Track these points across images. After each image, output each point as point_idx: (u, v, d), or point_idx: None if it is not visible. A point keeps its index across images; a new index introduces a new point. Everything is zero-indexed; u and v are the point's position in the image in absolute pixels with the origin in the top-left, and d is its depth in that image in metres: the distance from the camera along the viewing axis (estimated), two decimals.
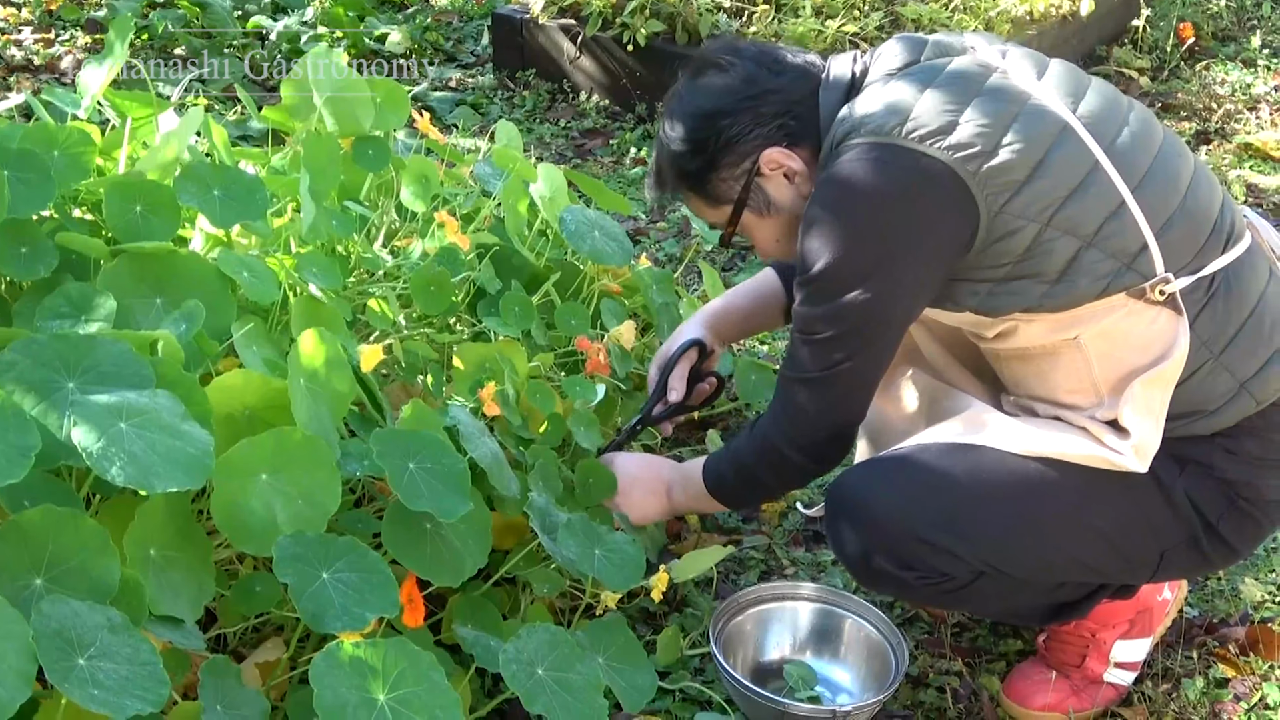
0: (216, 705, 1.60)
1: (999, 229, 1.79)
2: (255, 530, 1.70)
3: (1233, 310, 1.85)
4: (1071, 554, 1.93)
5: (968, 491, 1.89)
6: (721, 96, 1.97)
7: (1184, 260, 1.82)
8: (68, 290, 1.90)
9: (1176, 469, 1.88)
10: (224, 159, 2.41)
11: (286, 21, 4.73)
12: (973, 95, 1.82)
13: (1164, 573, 2.00)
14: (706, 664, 2.18)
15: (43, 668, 1.39)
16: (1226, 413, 1.86)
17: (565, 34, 4.41)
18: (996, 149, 1.77)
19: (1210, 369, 1.84)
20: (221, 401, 1.79)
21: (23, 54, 4.60)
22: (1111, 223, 1.79)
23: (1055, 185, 1.79)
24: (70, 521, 1.55)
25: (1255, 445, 1.89)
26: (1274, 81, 4.62)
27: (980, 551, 1.89)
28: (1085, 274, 1.80)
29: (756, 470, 2.09)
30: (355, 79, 2.53)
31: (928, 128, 1.78)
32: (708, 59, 2.03)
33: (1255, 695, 2.14)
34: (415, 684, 1.60)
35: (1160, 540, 1.92)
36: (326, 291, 2.17)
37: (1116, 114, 1.88)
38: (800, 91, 1.96)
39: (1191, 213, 1.85)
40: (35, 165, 2.00)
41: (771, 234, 2.06)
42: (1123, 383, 1.83)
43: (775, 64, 1.98)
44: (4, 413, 1.50)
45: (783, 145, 1.95)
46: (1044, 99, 1.84)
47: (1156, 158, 1.86)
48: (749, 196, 2.00)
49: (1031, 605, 2.04)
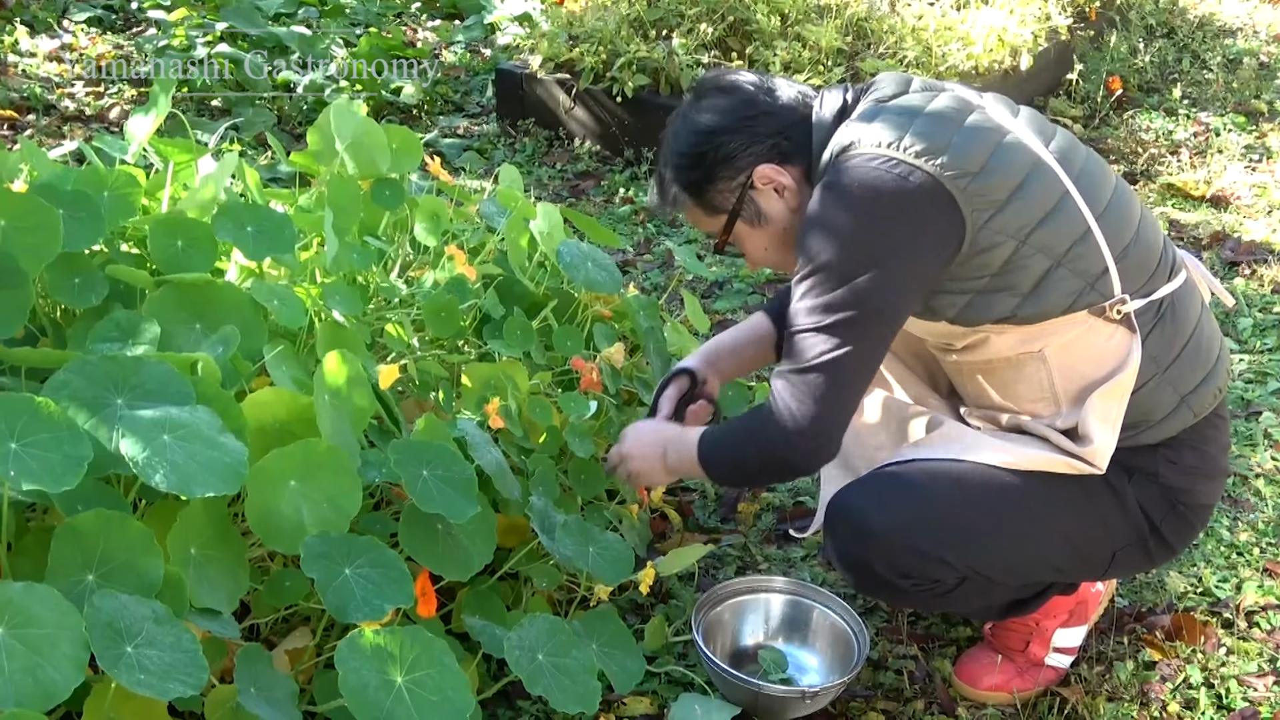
0: (250, 688, 1.60)
1: (981, 242, 1.78)
2: (285, 531, 1.70)
3: (1177, 332, 1.87)
4: (1040, 555, 1.94)
5: (955, 505, 1.89)
6: (722, 115, 1.95)
7: (1138, 284, 1.84)
8: (116, 317, 1.90)
9: (1126, 477, 1.90)
10: (256, 199, 2.41)
11: (312, 76, 4.74)
12: (958, 125, 1.82)
13: (1114, 571, 2.01)
14: (689, 650, 2.18)
15: (94, 655, 1.39)
16: (1169, 424, 1.88)
17: (561, 87, 4.43)
18: (981, 171, 1.77)
19: (1157, 383, 1.86)
20: (254, 416, 1.79)
21: (75, 105, 4.60)
22: (1079, 246, 1.81)
23: (1031, 208, 1.79)
24: (119, 524, 1.55)
25: (1192, 456, 1.91)
26: (1193, 129, 4.64)
27: (967, 558, 1.89)
28: (1054, 290, 1.81)
29: (746, 452, 1.97)
30: (373, 127, 2.53)
31: (920, 146, 1.77)
32: (711, 83, 2.01)
33: (1180, 676, 2.15)
34: (429, 668, 1.60)
35: (1114, 541, 1.93)
36: (348, 317, 2.18)
37: (1078, 154, 1.90)
38: (794, 116, 1.94)
39: (1143, 243, 1.87)
40: (87, 205, 2.00)
41: (761, 243, 2.03)
42: (1081, 394, 1.85)
43: (771, 91, 1.97)
44: (59, 426, 1.50)
45: (775, 162, 1.93)
46: (1020, 134, 1.85)
47: (1113, 194, 1.88)
48: (742, 208, 1.98)
49: (998, 603, 2.04)
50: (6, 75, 4.80)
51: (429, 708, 1.57)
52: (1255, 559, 2.44)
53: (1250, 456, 2.75)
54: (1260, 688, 2.12)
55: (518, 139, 4.52)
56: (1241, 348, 3.20)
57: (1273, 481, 2.67)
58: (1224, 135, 4.56)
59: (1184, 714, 2.07)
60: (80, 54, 4.99)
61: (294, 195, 2.56)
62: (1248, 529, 2.52)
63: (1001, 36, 4.42)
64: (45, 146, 3.94)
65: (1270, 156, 4.38)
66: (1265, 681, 2.13)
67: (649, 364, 2.69)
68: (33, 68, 4.88)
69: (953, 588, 1.92)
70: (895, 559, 1.89)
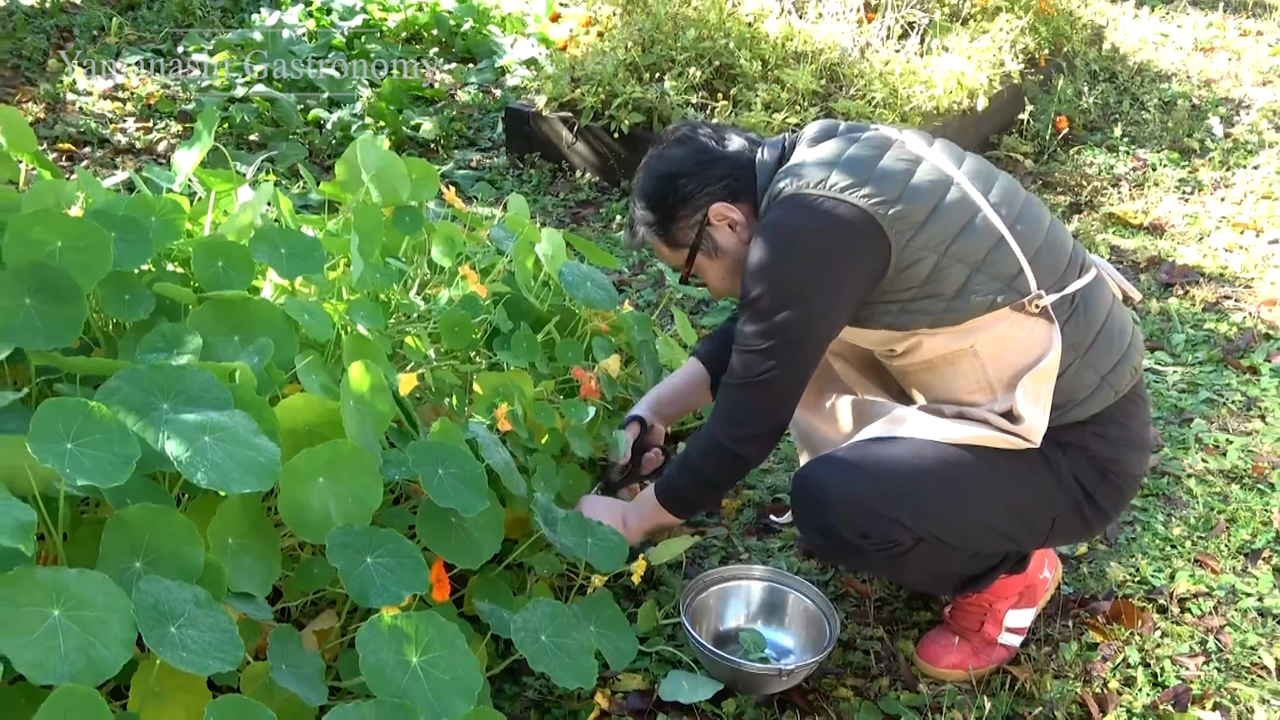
0: (282, 664, 1.60)
1: (906, 259, 1.83)
2: (313, 523, 1.70)
3: (1091, 321, 1.91)
4: (986, 520, 1.95)
5: (907, 473, 1.90)
6: (680, 163, 2.02)
7: (1051, 281, 1.88)
8: (162, 329, 1.90)
9: (1060, 452, 1.92)
10: (289, 224, 2.41)
11: (340, 113, 4.74)
12: (879, 158, 1.89)
13: (1055, 538, 2.02)
14: (677, 631, 2.18)
15: (141, 635, 1.39)
16: (1092, 402, 1.91)
17: (564, 124, 4.43)
18: (900, 197, 1.83)
19: (1078, 367, 1.89)
20: (286, 419, 1.79)
21: (127, 139, 4.60)
22: (994, 253, 1.85)
23: (948, 225, 1.84)
24: (164, 516, 1.55)
25: (1116, 430, 1.94)
26: (1132, 164, 4.65)
27: (920, 520, 1.90)
28: (975, 292, 1.84)
29: (703, 467, 2.07)
30: (395, 160, 2.54)
31: (845, 182, 1.84)
32: (670, 135, 2.08)
33: (1119, 656, 2.15)
34: (441, 648, 1.60)
35: (1053, 508, 1.95)
36: (371, 330, 2.18)
37: (991, 174, 1.95)
38: (742, 159, 2.01)
39: (1053, 246, 1.91)
40: (136, 229, 2.00)
41: (719, 273, 2.08)
42: (1013, 380, 1.88)
43: (723, 139, 2.04)
44: (110, 428, 1.50)
45: (728, 200, 2.00)
46: (934, 161, 1.91)
47: (1023, 206, 1.93)
48: (701, 242, 2.04)
49: (951, 574, 2.05)
50: (65, 112, 4.80)
51: (441, 686, 1.57)
52: (1187, 551, 2.44)
53: (1183, 459, 2.75)
54: (1192, 667, 2.12)
55: (525, 171, 4.52)
56: (1175, 361, 3.21)
57: (1203, 481, 2.67)
58: (1160, 170, 4.57)
59: (1123, 691, 2.07)
60: (131, 93, 4.99)
61: (323, 221, 2.57)
62: (1180, 524, 2.53)
63: (960, 80, 4.43)
64: (99, 176, 3.94)
65: (1201, 189, 4.39)
66: (1196, 661, 2.13)
67: (642, 373, 2.70)
68: (89, 105, 4.88)
69: (910, 548, 1.93)
70: (854, 520, 1.90)
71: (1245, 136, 4.80)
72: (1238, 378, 3.12)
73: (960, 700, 2.05)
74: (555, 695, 2.02)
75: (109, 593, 1.40)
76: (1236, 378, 3.12)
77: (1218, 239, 3.96)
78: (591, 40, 4.68)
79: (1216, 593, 2.31)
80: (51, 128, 4.64)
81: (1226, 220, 4.10)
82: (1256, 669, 2.12)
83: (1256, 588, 2.33)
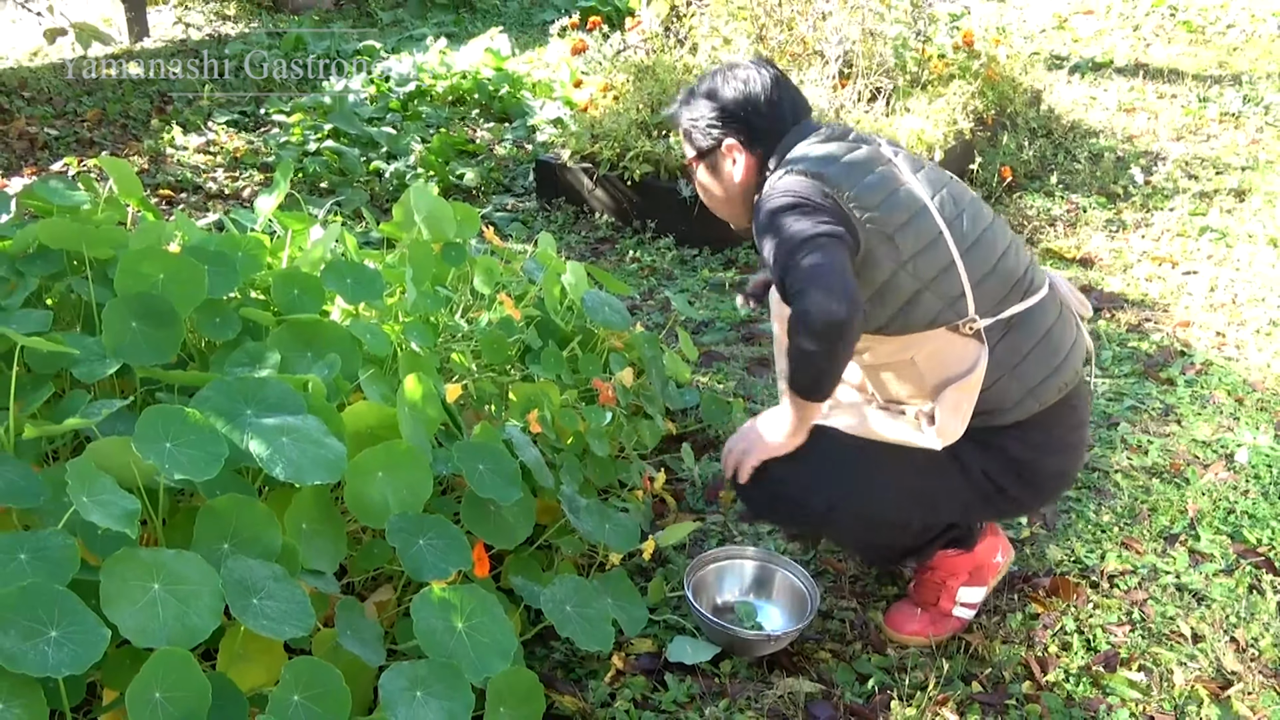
0: (347, 630, 1.60)
1: (870, 261, 1.79)
2: (374, 511, 1.70)
3: (1024, 340, 1.86)
4: (893, 499, 1.92)
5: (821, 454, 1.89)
6: (733, 97, 1.96)
7: (989, 306, 1.83)
8: (247, 348, 1.91)
9: (981, 450, 1.88)
10: (354, 258, 2.42)
11: (396, 165, 4.76)
12: (869, 171, 1.84)
13: (969, 516, 2.00)
14: (681, 603, 2.17)
15: (228, 605, 1.40)
16: (1018, 410, 1.86)
17: (585, 174, 4.44)
18: (877, 208, 1.79)
19: (1005, 381, 1.85)
20: (351, 423, 1.80)
21: (217, 186, 4.62)
22: (943, 275, 1.81)
23: (911, 243, 1.80)
24: (248, 505, 1.56)
25: (1040, 435, 1.89)
26: (1066, 207, 4.64)
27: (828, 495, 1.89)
28: (919, 308, 1.81)
29: (804, 345, 1.70)
30: (443, 204, 2.55)
31: (836, 181, 1.81)
32: (751, 72, 1.99)
33: (1058, 625, 2.13)
34: (482, 616, 1.60)
35: (959, 498, 1.91)
36: (423, 348, 2.18)
37: (961, 202, 1.89)
38: (778, 125, 1.95)
39: (1001, 273, 1.86)
40: (225, 262, 2.01)
41: (707, 183, 2.03)
42: (940, 388, 1.85)
43: (775, 101, 1.97)
44: (203, 430, 1.50)
45: (743, 143, 1.96)
46: (913, 186, 1.86)
47: (983, 234, 1.87)
48: (708, 155, 2.00)
49: (887, 545, 2.03)
50: (165, 164, 4.83)
51: (482, 648, 1.57)
52: (1115, 535, 2.43)
53: (1111, 457, 2.74)
54: (1120, 634, 2.11)
55: (552, 213, 4.53)
56: (1104, 374, 3.20)
57: (1128, 476, 2.66)
58: (1090, 211, 4.56)
59: (1061, 654, 2.06)
60: (221, 148, 5.01)
61: (383, 255, 2.58)
62: (1109, 512, 2.51)
63: (920, 136, 4.43)
64: (194, 218, 3.95)
65: (1125, 228, 4.38)
66: (1124, 630, 2.12)
67: (651, 383, 2.70)
68: (184, 158, 4.90)
69: (823, 514, 1.90)
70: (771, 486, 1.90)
71: (1162, 184, 4.79)
72: (1157, 388, 3.10)
73: (922, 662, 2.03)
74: (578, 656, 2.02)
75: (201, 570, 1.40)
76: (1156, 388, 3.10)
77: (1139, 270, 3.95)
78: (608, 103, 4.68)
79: (1140, 571, 2.30)
80: (154, 177, 4.66)
81: (1147, 254, 4.08)
82: (1175, 636, 2.11)
83: (1174, 566, 2.31)
